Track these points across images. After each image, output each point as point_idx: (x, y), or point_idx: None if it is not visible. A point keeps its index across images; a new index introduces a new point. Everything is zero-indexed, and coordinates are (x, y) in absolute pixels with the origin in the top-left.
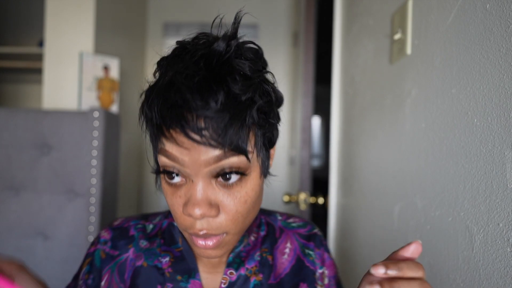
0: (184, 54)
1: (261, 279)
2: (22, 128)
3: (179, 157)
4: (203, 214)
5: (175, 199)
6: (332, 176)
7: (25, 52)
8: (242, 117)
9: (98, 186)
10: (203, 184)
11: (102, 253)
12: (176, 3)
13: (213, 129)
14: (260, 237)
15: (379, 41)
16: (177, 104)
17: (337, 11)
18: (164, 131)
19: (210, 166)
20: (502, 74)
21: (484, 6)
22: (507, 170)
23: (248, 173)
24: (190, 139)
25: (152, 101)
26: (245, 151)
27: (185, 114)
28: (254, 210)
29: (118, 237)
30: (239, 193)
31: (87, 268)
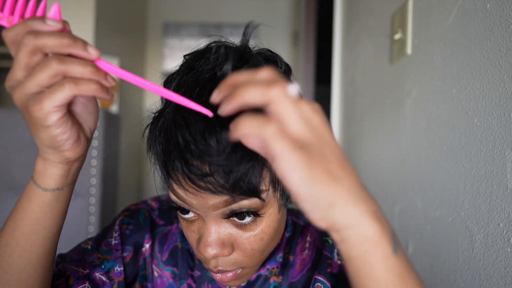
0: (189, 78)
1: (281, 280)
2: (22, 128)
3: (187, 199)
4: (215, 255)
5: (189, 233)
6: None
7: None
8: (253, 156)
9: (98, 186)
10: (215, 225)
11: (147, 213)
12: (176, 3)
13: (219, 174)
14: (285, 238)
15: (379, 41)
16: (179, 147)
17: (337, 11)
18: (169, 171)
19: (219, 210)
20: (502, 74)
21: (485, 6)
22: (508, 170)
23: (263, 213)
24: (195, 186)
25: (156, 136)
26: (256, 193)
27: (188, 157)
28: (273, 242)
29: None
30: (253, 232)
31: (126, 219)
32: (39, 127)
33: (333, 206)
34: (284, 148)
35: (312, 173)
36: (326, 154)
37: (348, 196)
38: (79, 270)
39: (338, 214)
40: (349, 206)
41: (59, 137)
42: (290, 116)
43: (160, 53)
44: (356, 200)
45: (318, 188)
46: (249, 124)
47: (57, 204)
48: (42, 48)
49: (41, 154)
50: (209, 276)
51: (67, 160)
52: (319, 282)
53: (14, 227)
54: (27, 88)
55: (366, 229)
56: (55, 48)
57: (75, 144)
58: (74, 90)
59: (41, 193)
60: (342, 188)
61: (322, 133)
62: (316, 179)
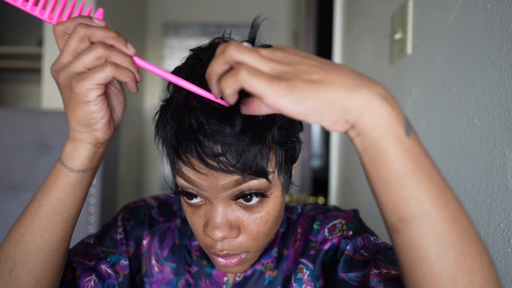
0: (199, 67)
1: (276, 275)
2: (22, 128)
3: (197, 181)
4: (223, 237)
5: (195, 218)
6: (332, 176)
7: (24, 51)
8: (262, 139)
9: (97, 186)
10: (223, 207)
11: (146, 210)
12: (176, 2)
13: (231, 155)
14: (279, 233)
15: (379, 41)
16: (192, 128)
17: (337, 11)
18: (180, 155)
19: (229, 190)
20: (502, 74)
21: (485, 6)
22: (508, 170)
23: (269, 194)
24: (207, 166)
25: (166, 121)
26: (265, 173)
27: (201, 139)
28: (276, 226)
29: (164, 207)
30: (260, 213)
31: (126, 216)
32: (78, 104)
33: (334, 104)
34: (261, 84)
35: (296, 92)
36: (301, 71)
37: (343, 89)
38: (85, 262)
39: (343, 108)
40: (351, 97)
41: (95, 114)
42: (253, 60)
43: (160, 53)
44: (354, 89)
45: (309, 100)
46: (226, 82)
47: (80, 187)
48: (91, 37)
49: (71, 136)
50: (207, 271)
51: (96, 140)
52: (302, 264)
53: (38, 207)
54: (73, 68)
55: (375, 113)
56: (101, 38)
57: (106, 125)
58: (114, 72)
59: (67, 173)
60: (333, 86)
61: (289, 59)
62: (302, 94)
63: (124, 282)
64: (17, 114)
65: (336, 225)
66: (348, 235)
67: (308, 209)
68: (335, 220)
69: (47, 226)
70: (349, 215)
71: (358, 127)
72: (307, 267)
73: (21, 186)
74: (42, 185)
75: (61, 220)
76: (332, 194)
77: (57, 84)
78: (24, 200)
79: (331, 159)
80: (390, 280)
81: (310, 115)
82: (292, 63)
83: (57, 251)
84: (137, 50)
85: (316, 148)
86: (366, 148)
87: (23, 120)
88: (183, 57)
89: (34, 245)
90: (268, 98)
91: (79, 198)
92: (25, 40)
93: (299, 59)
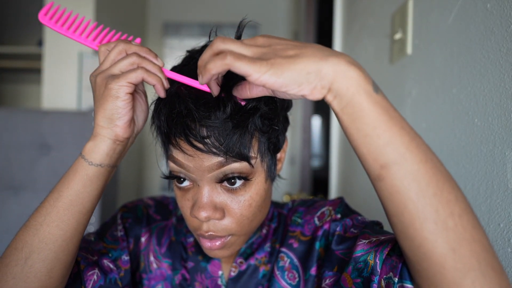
0: (192, 64)
1: (269, 269)
2: (22, 128)
3: (185, 163)
4: (208, 217)
5: (184, 201)
6: (332, 176)
7: (24, 51)
8: (245, 125)
9: None
10: (208, 188)
11: (143, 208)
12: (176, 2)
13: (215, 137)
14: (271, 229)
15: (379, 41)
16: (182, 114)
17: (337, 11)
18: (170, 138)
19: (214, 172)
20: (503, 74)
21: (485, 6)
22: (508, 170)
23: (252, 178)
24: (193, 147)
25: (160, 110)
26: (246, 157)
27: (189, 123)
28: (260, 213)
29: (160, 206)
30: (243, 197)
31: (125, 214)
32: (108, 98)
33: (309, 73)
34: (245, 65)
35: (275, 67)
36: (278, 50)
37: (316, 59)
38: (88, 256)
39: (318, 75)
40: (322, 65)
41: (120, 110)
42: (237, 47)
43: (160, 53)
44: (325, 58)
45: (287, 72)
46: (213, 63)
47: (96, 181)
48: (127, 50)
49: (94, 132)
50: (202, 265)
51: (115, 137)
52: (282, 253)
53: (57, 197)
54: (111, 71)
55: (346, 75)
56: (136, 51)
57: (127, 124)
58: (144, 74)
59: (86, 166)
60: (306, 57)
61: (268, 42)
62: (281, 68)
63: (126, 277)
64: (17, 114)
65: (324, 212)
66: (336, 218)
67: (297, 203)
68: (322, 208)
69: (64, 216)
70: (335, 201)
71: (333, 90)
72: (287, 255)
73: (21, 186)
74: (63, 177)
75: (77, 212)
76: (332, 194)
77: (93, 86)
78: (24, 200)
79: (331, 159)
80: (380, 244)
81: (290, 85)
82: (271, 45)
83: (71, 242)
84: None
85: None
86: (343, 108)
87: (23, 120)
88: (179, 56)
89: (51, 234)
90: (252, 76)
91: (95, 192)
92: (25, 40)
93: (276, 41)
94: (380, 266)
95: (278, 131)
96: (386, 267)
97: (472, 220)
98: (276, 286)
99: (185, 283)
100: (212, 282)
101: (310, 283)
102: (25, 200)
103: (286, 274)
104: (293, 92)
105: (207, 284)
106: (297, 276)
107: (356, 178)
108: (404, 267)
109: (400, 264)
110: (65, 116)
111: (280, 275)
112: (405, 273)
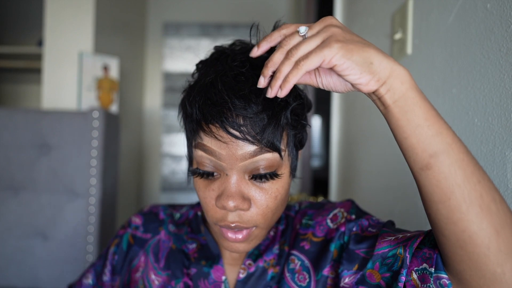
0: (224, 58)
1: (278, 271)
2: (22, 128)
3: (217, 150)
4: (236, 206)
5: (208, 192)
6: (332, 176)
7: (24, 51)
8: (278, 118)
9: (97, 187)
10: (237, 178)
11: (130, 238)
12: (176, 2)
13: (251, 127)
14: (279, 231)
15: (379, 41)
16: (218, 103)
17: (337, 10)
18: (203, 126)
19: (246, 161)
20: (502, 74)
21: (485, 6)
22: (508, 170)
23: (280, 173)
24: (229, 134)
25: (193, 98)
26: (279, 148)
27: (225, 111)
28: (282, 206)
29: (149, 221)
30: (270, 189)
31: (114, 249)
32: None
33: (372, 63)
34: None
35: (344, 49)
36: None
37: (379, 53)
38: None
39: (378, 68)
40: (383, 60)
41: None
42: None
43: (160, 53)
44: (386, 56)
45: (355, 56)
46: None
47: None
48: None
49: None
50: (205, 271)
51: None
52: (293, 255)
53: None
54: None
55: (401, 72)
56: None
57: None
58: None
59: None
60: (373, 49)
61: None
62: (350, 51)
63: None
64: (17, 114)
65: (336, 214)
66: (351, 218)
67: (304, 205)
68: (334, 210)
69: None
70: (345, 203)
71: (388, 83)
72: (298, 258)
73: (20, 186)
74: None
75: None
76: (332, 194)
77: None
78: (24, 200)
79: (331, 159)
80: (408, 239)
81: (354, 69)
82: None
83: None
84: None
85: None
86: (396, 101)
87: (23, 120)
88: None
89: None
90: (325, 61)
91: None
92: (25, 40)
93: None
94: (410, 259)
95: (304, 128)
96: (417, 260)
97: (509, 208)
98: None
99: None
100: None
101: (321, 283)
102: (25, 200)
103: (296, 277)
104: (352, 78)
105: None
106: (307, 277)
107: (356, 178)
108: (439, 258)
109: (435, 255)
110: (65, 116)
111: (290, 277)
112: (440, 264)
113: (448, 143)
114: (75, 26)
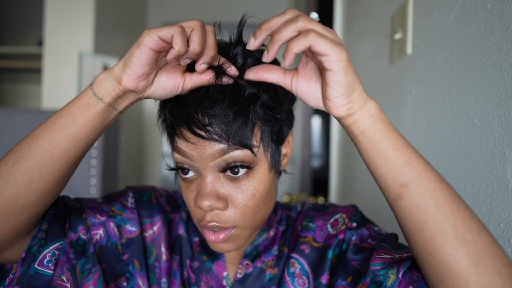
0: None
1: (276, 272)
2: (22, 128)
3: (188, 152)
4: (210, 206)
5: (188, 193)
6: (332, 176)
7: (24, 51)
8: (245, 113)
9: (97, 186)
10: (211, 178)
11: (153, 197)
12: (176, 2)
13: (217, 125)
14: (279, 232)
15: (379, 41)
16: (185, 105)
17: (337, 10)
18: (175, 129)
19: (216, 160)
20: (502, 74)
21: (485, 6)
22: (508, 170)
23: (254, 166)
24: (195, 135)
25: (165, 104)
26: (248, 145)
27: (191, 112)
28: (265, 205)
29: (171, 199)
30: (246, 186)
31: (135, 195)
32: (135, 44)
33: (355, 91)
34: (327, 43)
35: (350, 66)
36: None
37: (361, 85)
38: (96, 216)
39: (356, 97)
40: (362, 92)
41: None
42: (319, 28)
43: None
44: (363, 88)
45: (351, 76)
46: (296, 43)
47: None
48: None
49: (111, 68)
50: (207, 266)
51: (119, 80)
52: (293, 259)
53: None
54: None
55: (370, 105)
56: None
57: (137, 79)
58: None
59: (89, 93)
60: (359, 79)
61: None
62: (351, 70)
63: (126, 243)
64: (17, 114)
65: (337, 219)
66: (352, 226)
67: (307, 207)
68: (335, 215)
69: (56, 135)
70: (348, 209)
71: (358, 114)
72: (298, 262)
73: None
74: (72, 100)
75: (69, 135)
76: (332, 194)
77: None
78: None
79: (331, 159)
80: (403, 260)
81: (342, 88)
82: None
83: (57, 162)
84: None
85: (316, 148)
86: (364, 131)
87: (23, 120)
88: None
89: (41, 147)
90: (330, 57)
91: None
92: (25, 40)
93: None
94: (400, 282)
95: (281, 121)
96: (405, 280)
97: (490, 237)
98: None
99: (190, 282)
100: (217, 283)
101: None
102: None
103: (296, 281)
104: (332, 92)
105: (212, 285)
106: (306, 283)
107: (356, 178)
108: (425, 285)
109: (422, 280)
110: None
111: (290, 281)
112: None
113: (418, 173)
114: (75, 26)
